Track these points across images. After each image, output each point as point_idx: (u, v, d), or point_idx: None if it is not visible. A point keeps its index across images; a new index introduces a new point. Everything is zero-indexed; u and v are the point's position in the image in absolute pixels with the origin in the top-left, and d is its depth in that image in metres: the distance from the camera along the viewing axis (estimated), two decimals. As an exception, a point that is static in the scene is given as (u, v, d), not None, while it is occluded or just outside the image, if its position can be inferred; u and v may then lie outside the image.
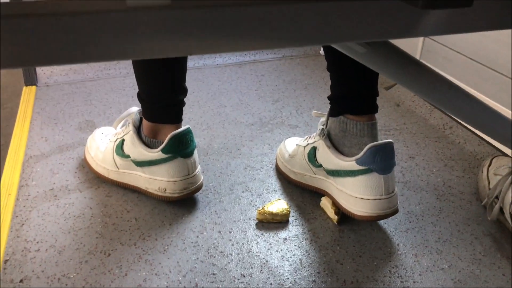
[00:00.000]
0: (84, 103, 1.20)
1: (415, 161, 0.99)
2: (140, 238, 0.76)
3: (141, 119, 0.84)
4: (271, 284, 0.69)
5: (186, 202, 0.85)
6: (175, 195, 0.82)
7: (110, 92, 1.26)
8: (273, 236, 0.78)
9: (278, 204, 0.81)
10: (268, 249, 0.75)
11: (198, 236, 0.77)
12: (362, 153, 0.74)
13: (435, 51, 1.25)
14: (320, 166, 0.81)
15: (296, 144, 0.90)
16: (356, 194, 0.76)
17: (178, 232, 0.78)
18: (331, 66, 0.81)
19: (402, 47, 0.45)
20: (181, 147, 0.79)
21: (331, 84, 0.82)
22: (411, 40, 1.32)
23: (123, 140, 0.84)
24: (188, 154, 0.80)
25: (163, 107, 0.81)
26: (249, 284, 0.69)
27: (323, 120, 0.83)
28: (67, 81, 1.33)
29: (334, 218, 0.80)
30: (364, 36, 0.32)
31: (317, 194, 0.86)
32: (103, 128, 0.97)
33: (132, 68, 0.92)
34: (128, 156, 0.83)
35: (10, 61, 0.24)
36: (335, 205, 0.81)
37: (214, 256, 0.73)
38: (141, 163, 0.82)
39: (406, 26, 0.32)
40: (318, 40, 0.31)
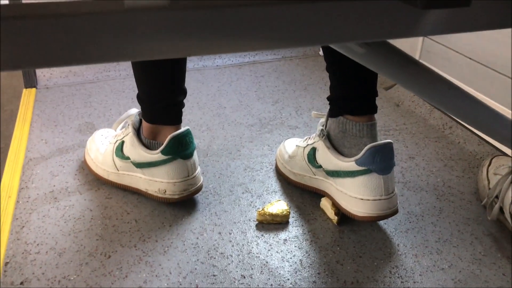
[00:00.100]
0: (84, 105, 1.20)
1: (414, 161, 0.99)
2: (140, 240, 0.76)
3: (140, 121, 0.84)
4: (271, 285, 0.69)
5: (186, 203, 0.85)
6: (175, 196, 0.82)
7: (110, 94, 1.27)
8: (273, 237, 0.78)
9: (278, 205, 0.81)
10: (268, 250, 0.75)
11: (198, 238, 0.77)
12: (362, 153, 0.74)
13: (434, 51, 1.25)
14: (320, 167, 0.81)
15: (296, 145, 0.90)
16: (356, 195, 0.76)
17: (178, 233, 0.78)
18: (330, 67, 0.81)
19: (401, 48, 0.45)
20: (180, 149, 0.79)
21: (330, 85, 0.82)
22: (410, 40, 1.32)
23: (122, 142, 0.84)
24: (188, 156, 0.80)
25: (162, 108, 0.81)
26: (249, 285, 0.69)
27: (323, 121, 0.83)
28: (66, 83, 1.33)
29: (334, 218, 0.80)
30: (363, 36, 0.32)
31: (317, 195, 0.86)
32: (103, 130, 0.97)
33: (132, 70, 0.92)
34: (127, 158, 0.83)
35: (10, 63, 0.25)
36: (335, 205, 0.81)
37: (214, 258, 0.73)
38: (140, 165, 0.82)
39: (405, 26, 0.32)
40: (317, 40, 0.31)
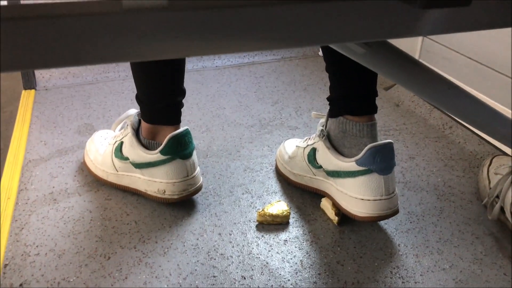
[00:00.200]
0: (83, 106, 1.20)
1: (415, 161, 0.99)
2: (140, 241, 0.76)
3: (139, 121, 0.84)
4: (272, 286, 0.69)
5: (185, 204, 0.84)
6: (175, 196, 0.81)
7: (109, 95, 1.26)
8: (273, 238, 0.78)
9: (278, 205, 0.81)
10: (269, 250, 0.75)
11: (198, 239, 0.77)
12: (362, 153, 0.74)
13: (434, 51, 1.25)
14: (320, 167, 0.81)
15: (296, 146, 0.89)
16: (357, 195, 0.76)
17: (178, 234, 0.78)
18: (330, 67, 0.81)
19: (401, 48, 0.45)
20: (179, 148, 0.79)
21: (330, 85, 0.82)
22: (410, 40, 1.32)
23: (121, 142, 0.84)
24: (187, 155, 0.80)
25: (161, 108, 0.81)
26: (249, 286, 0.68)
27: (323, 121, 0.83)
28: (66, 84, 1.32)
29: (335, 219, 0.80)
30: (363, 36, 0.32)
31: (317, 195, 0.86)
32: (102, 131, 0.97)
33: (131, 71, 0.91)
34: (127, 158, 0.83)
35: (10, 64, 0.24)
36: (336, 206, 0.81)
37: (215, 259, 0.73)
38: (140, 165, 0.82)
39: (405, 26, 0.32)
40: (317, 40, 0.30)
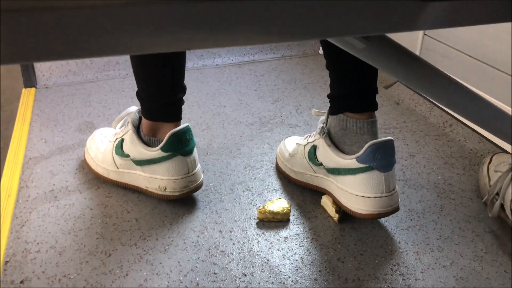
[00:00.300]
0: (83, 104, 1.20)
1: (415, 159, 0.99)
2: (140, 238, 0.76)
3: (140, 118, 0.84)
4: (272, 283, 0.69)
5: (186, 201, 0.84)
6: (175, 193, 0.81)
7: (109, 93, 1.26)
8: (274, 235, 0.78)
9: (279, 203, 0.81)
10: (269, 248, 0.75)
11: (199, 236, 0.77)
12: (363, 151, 0.74)
13: (434, 48, 1.25)
14: (321, 164, 0.81)
15: (296, 143, 0.89)
16: (357, 192, 0.76)
17: (179, 232, 0.78)
18: (330, 64, 0.81)
19: (401, 43, 0.45)
20: (180, 145, 0.79)
21: (330, 82, 0.82)
22: (410, 38, 1.32)
23: (122, 139, 0.84)
24: (188, 152, 0.80)
25: (162, 105, 0.81)
26: (250, 283, 0.68)
27: (323, 118, 0.83)
28: (66, 82, 1.33)
29: (335, 216, 0.80)
30: (363, 30, 0.32)
31: (317, 192, 0.86)
32: (103, 129, 0.97)
33: (131, 69, 0.91)
34: (127, 156, 0.83)
35: (10, 57, 0.24)
36: (336, 203, 0.81)
37: (215, 256, 0.73)
38: (140, 162, 0.82)
39: (405, 20, 0.32)
40: (316, 34, 0.30)
